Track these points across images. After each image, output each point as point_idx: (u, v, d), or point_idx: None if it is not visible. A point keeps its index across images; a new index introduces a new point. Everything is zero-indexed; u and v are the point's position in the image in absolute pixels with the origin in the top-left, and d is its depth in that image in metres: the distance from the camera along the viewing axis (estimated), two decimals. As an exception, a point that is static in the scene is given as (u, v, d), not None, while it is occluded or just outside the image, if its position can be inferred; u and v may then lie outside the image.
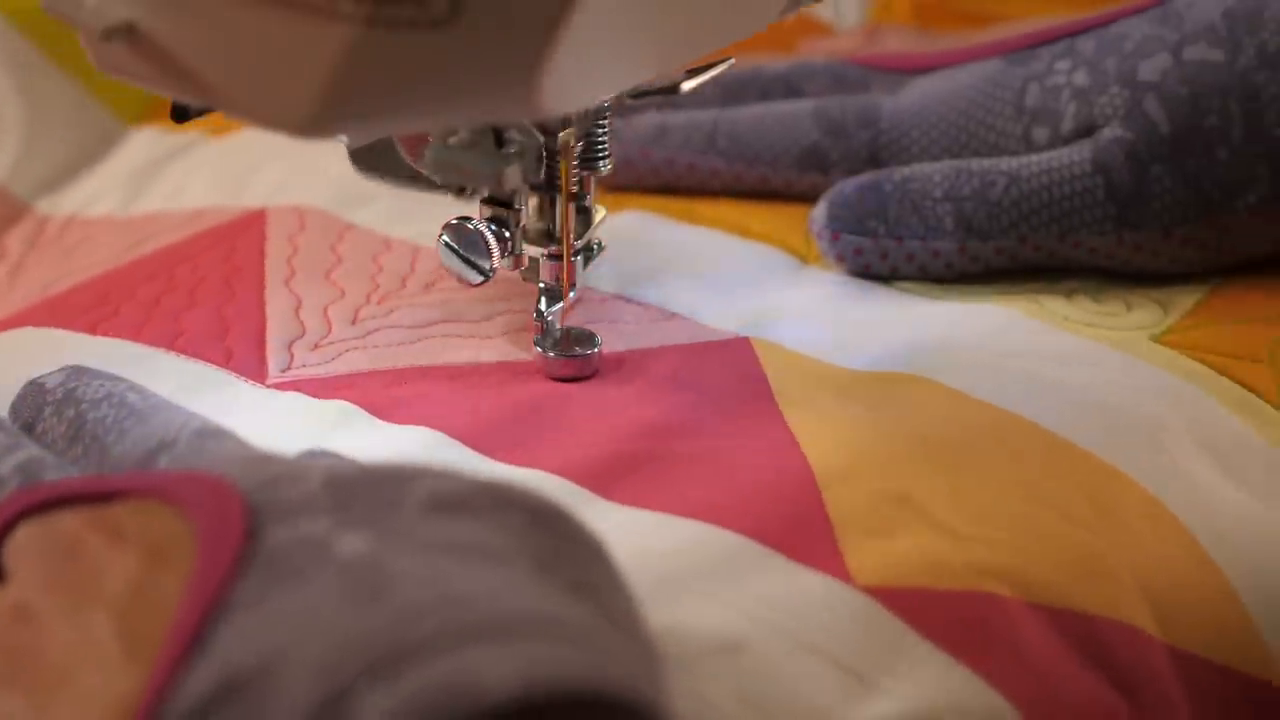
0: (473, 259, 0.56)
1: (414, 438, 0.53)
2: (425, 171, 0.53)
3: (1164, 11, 0.63)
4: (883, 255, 0.63)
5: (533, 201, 0.57)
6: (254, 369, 0.58)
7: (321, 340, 0.60)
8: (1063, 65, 0.64)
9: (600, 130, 0.57)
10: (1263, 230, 0.62)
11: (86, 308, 0.62)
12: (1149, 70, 0.62)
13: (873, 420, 0.54)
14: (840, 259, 0.63)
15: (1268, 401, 0.58)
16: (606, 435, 0.53)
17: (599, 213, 0.59)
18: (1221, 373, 0.58)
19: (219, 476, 0.39)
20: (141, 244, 0.67)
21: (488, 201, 0.57)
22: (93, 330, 0.60)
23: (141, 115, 0.78)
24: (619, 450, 0.52)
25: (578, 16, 0.40)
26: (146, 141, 0.77)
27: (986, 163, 0.63)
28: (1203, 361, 0.59)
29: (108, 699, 0.35)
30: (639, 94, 0.57)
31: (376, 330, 0.60)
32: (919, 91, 0.67)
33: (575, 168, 0.56)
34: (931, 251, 0.63)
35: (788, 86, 0.71)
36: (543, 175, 0.56)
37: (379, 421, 0.54)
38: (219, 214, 0.69)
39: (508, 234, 0.57)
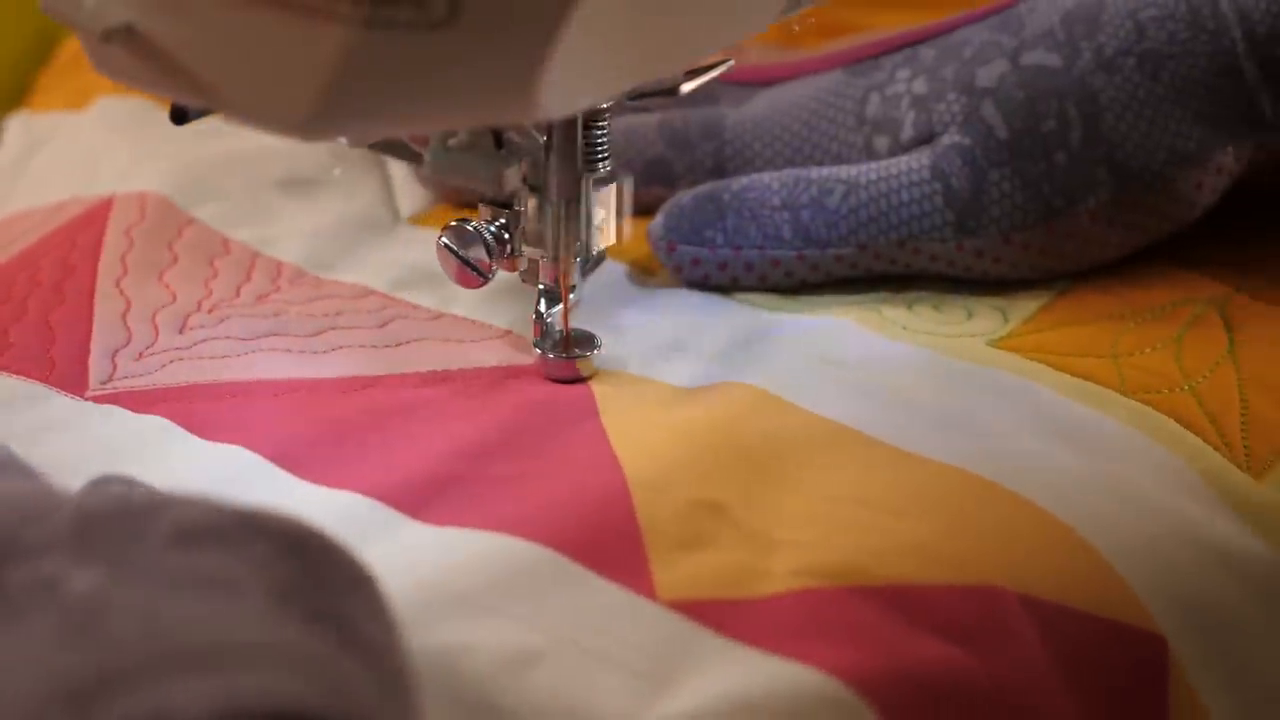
0: (472, 260, 0.56)
1: (226, 456, 0.53)
2: (425, 172, 0.53)
3: (1004, 18, 0.63)
4: (721, 265, 0.62)
5: (532, 203, 0.57)
6: (75, 381, 0.57)
7: (146, 350, 0.58)
8: (903, 74, 0.64)
9: (599, 132, 0.57)
10: (1104, 235, 0.62)
11: None
12: (986, 77, 0.62)
13: (694, 432, 0.54)
14: (678, 270, 0.62)
15: (1110, 387, 0.57)
16: (423, 454, 0.52)
17: (599, 213, 0.59)
18: (1060, 369, 0.58)
19: None
20: (8, 248, 0.66)
21: (487, 203, 0.57)
22: None
23: (10, 101, 0.78)
24: (434, 470, 0.51)
25: (576, 18, 0.40)
26: (16, 130, 0.76)
27: (825, 171, 0.62)
28: (1042, 361, 0.58)
29: None
30: (638, 95, 0.57)
31: (204, 341, 0.59)
32: (763, 103, 0.67)
33: (574, 169, 0.56)
34: (770, 261, 0.62)
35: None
36: (542, 176, 0.56)
37: (194, 439, 0.54)
38: (76, 206, 0.67)
39: (507, 235, 0.57)
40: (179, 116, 0.52)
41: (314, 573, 0.38)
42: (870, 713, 0.45)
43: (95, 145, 0.72)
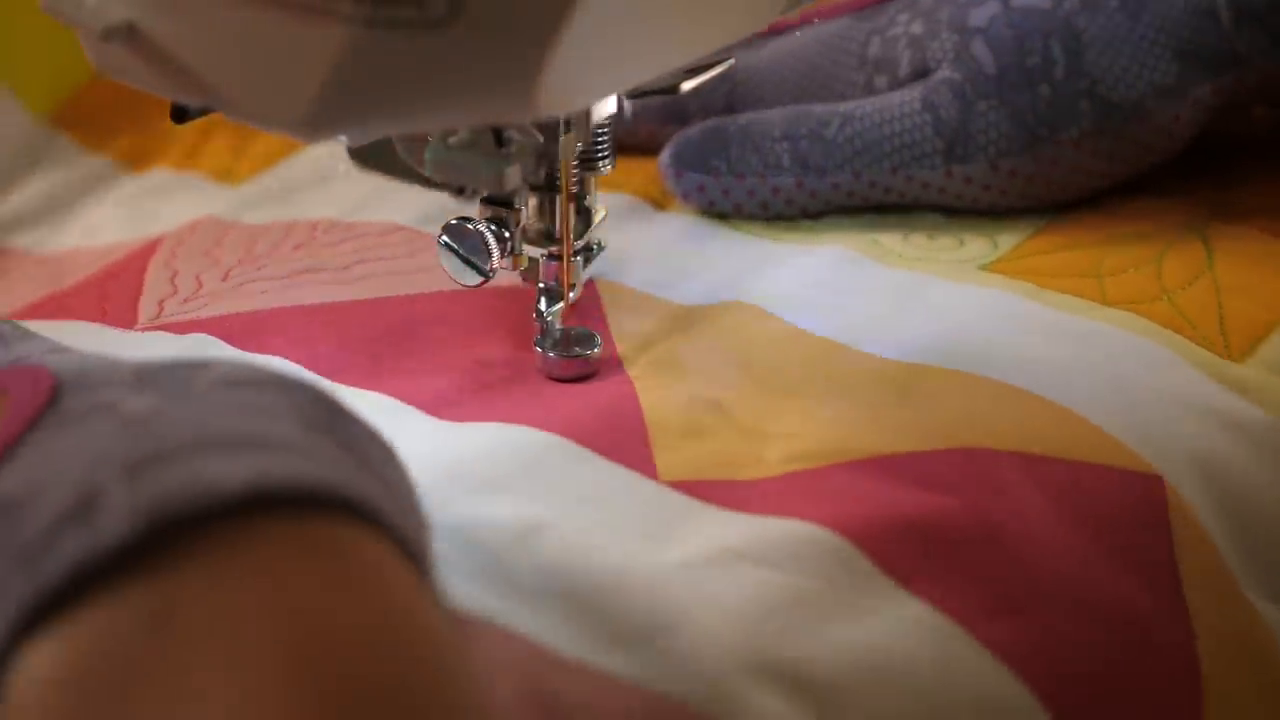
0: (472, 259, 0.56)
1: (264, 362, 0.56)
2: (425, 171, 0.53)
3: None
4: (725, 191, 0.67)
5: (533, 201, 0.57)
6: (125, 321, 0.61)
7: (191, 296, 0.63)
8: (903, 18, 0.68)
9: (601, 130, 0.57)
10: (1087, 164, 0.65)
11: None
12: (979, 17, 0.66)
13: (696, 343, 0.58)
14: (685, 195, 0.67)
15: (1094, 301, 0.61)
16: (447, 363, 0.57)
17: (599, 213, 0.59)
18: (1047, 288, 0.62)
19: (39, 365, 0.42)
20: (62, 279, 0.69)
21: (488, 201, 0.57)
22: None
23: (53, 109, 0.78)
24: (458, 380, 0.56)
25: (577, 17, 0.40)
26: (61, 159, 0.77)
27: (825, 106, 0.67)
28: (1031, 281, 0.62)
29: None
30: (639, 94, 0.57)
31: (244, 284, 0.63)
32: (773, 48, 0.71)
33: (575, 168, 0.56)
34: (771, 188, 0.66)
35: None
36: (543, 175, 0.56)
37: (232, 349, 0.58)
38: (131, 243, 0.71)
39: (508, 234, 0.57)
40: (179, 115, 0.52)
41: (342, 419, 0.40)
42: (859, 554, 0.48)
43: (152, 201, 0.75)
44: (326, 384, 0.53)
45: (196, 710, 0.34)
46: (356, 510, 0.37)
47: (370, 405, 0.53)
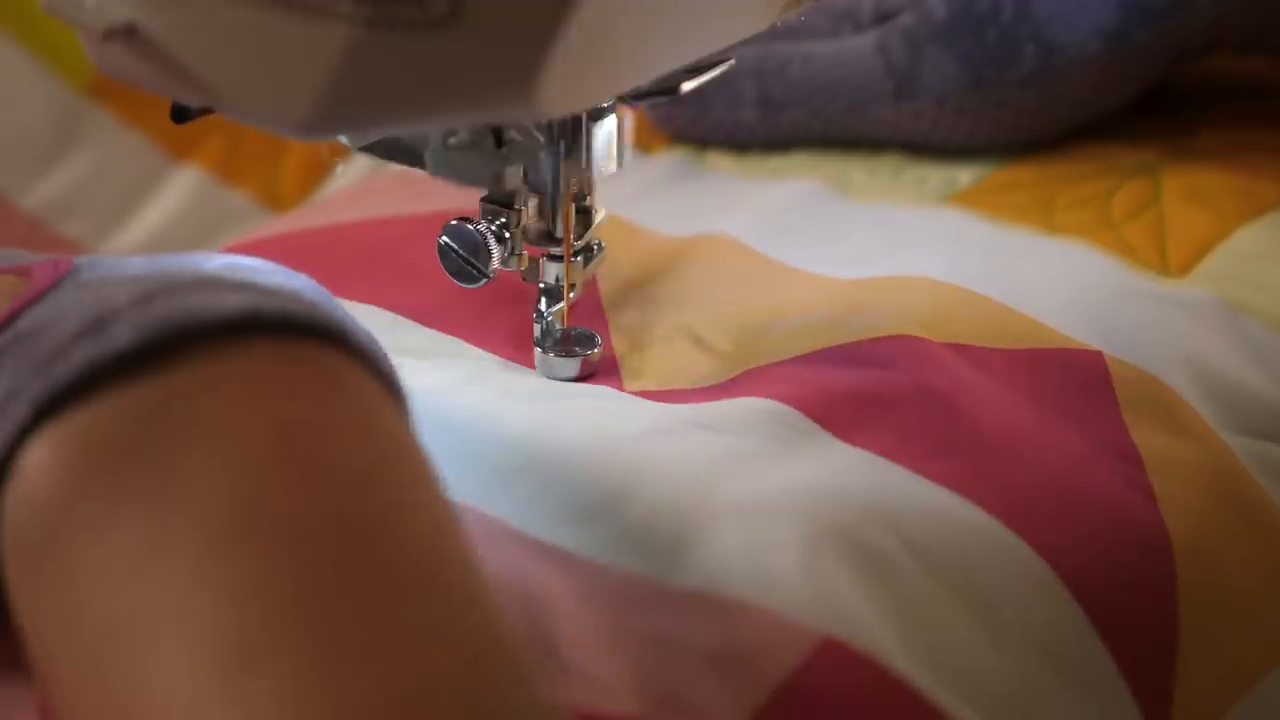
0: (473, 260, 0.56)
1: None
2: (426, 171, 0.53)
3: None
4: (694, 120, 0.72)
5: (533, 202, 0.57)
6: None
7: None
8: None
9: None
10: (1033, 104, 0.69)
11: None
12: None
13: (668, 270, 0.63)
14: (657, 124, 0.73)
15: (1040, 229, 0.65)
16: (434, 286, 0.60)
17: (599, 213, 0.59)
18: (1003, 219, 0.66)
19: (67, 257, 0.46)
20: None
21: (488, 201, 0.57)
22: None
23: (93, 86, 0.79)
24: (438, 293, 0.60)
25: (577, 18, 0.40)
26: (99, 134, 0.79)
27: (790, 45, 0.72)
28: (987, 211, 0.66)
29: None
30: (639, 94, 0.57)
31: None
32: None
33: (574, 184, 0.57)
34: (735, 120, 0.72)
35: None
36: (543, 176, 0.56)
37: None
38: None
39: (508, 234, 0.57)
40: (180, 115, 0.52)
41: (333, 303, 0.43)
42: (798, 413, 0.53)
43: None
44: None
45: (184, 488, 0.38)
46: (341, 342, 0.41)
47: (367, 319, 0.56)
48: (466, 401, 0.53)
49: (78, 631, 0.38)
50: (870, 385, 0.54)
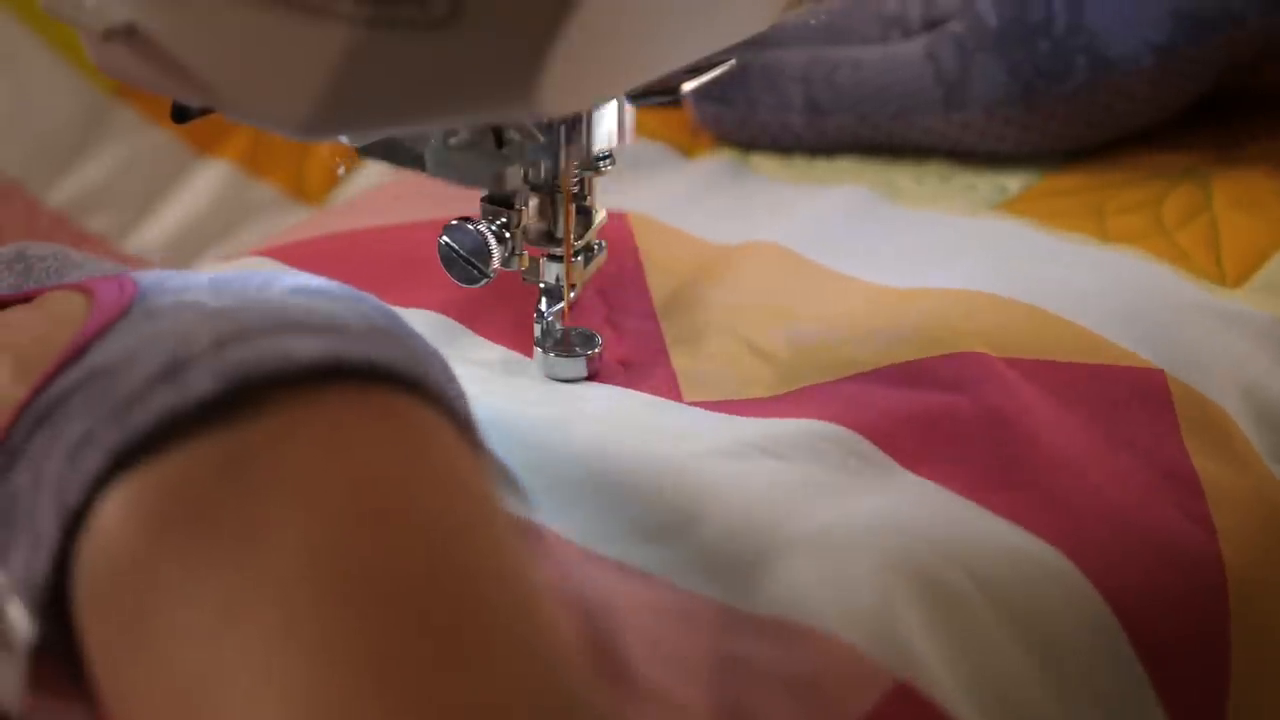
0: (473, 260, 0.56)
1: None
2: (426, 171, 0.53)
3: None
4: (740, 123, 0.72)
5: (533, 202, 0.57)
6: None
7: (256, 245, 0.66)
8: None
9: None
10: (1082, 115, 0.69)
11: None
12: None
13: (719, 277, 0.62)
14: (704, 124, 0.73)
15: (1095, 238, 0.64)
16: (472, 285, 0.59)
17: (599, 213, 0.59)
18: (1053, 226, 0.65)
19: (123, 274, 0.46)
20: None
21: (488, 201, 0.57)
22: None
23: (120, 84, 0.79)
24: (484, 295, 0.59)
25: (577, 18, 0.40)
26: (125, 130, 0.78)
27: (839, 50, 0.71)
28: (1037, 219, 0.66)
29: None
30: (639, 94, 0.57)
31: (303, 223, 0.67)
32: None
33: (576, 168, 0.56)
34: (781, 124, 0.71)
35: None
36: (543, 177, 0.56)
37: (292, 269, 0.60)
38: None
39: (508, 234, 0.57)
40: (180, 115, 0.52)
41: (402, 329, 0.44)
42: (863, 439, 0.52)
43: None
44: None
45: (264, 542, 0.37)
46: (418, 388, 0.40)
47: (415, 322, 0.56)
48: (531, 413, 0.53)
49: (158, 691, 0.37)
50: (934, 409, 0.53)
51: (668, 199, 0.68)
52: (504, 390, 0.55)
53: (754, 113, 0.71)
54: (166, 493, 0.38)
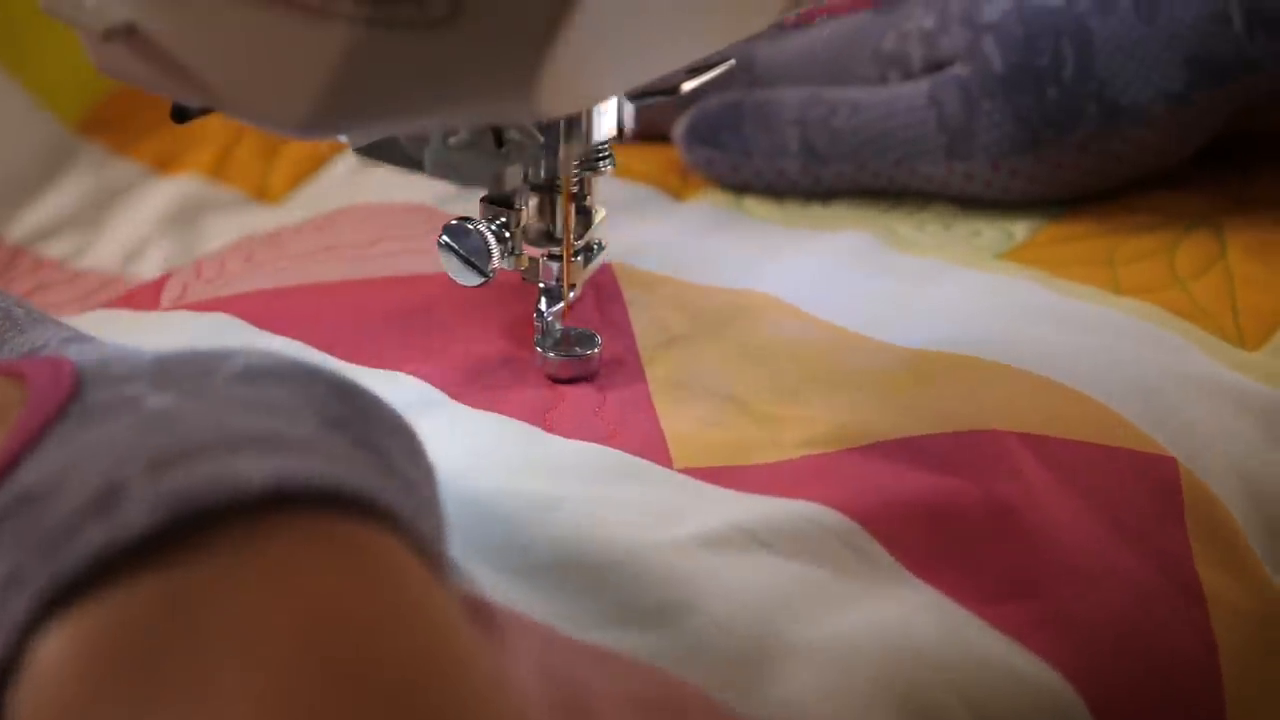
0: (472, 259, 0.56)
1: (284, 347, 0.56)
2: (425, 171, 0.53)
3: None
4: (733, 168, 0.68)
5: (533, 201, 0.57)
6: (148, 303, 0.62)
7: (215, 276, 0.63)
8: (918, 11, 0.68)
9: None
10: (1091, 165, 0.65)
11: None
12: (991, 12, 0.66)
13: (712, 332, 0.59)
14: (695, 167, 0.69)
15: (1107, 290, 0.61)
16: (465, 348, 0.57)
17: (599, 213, 0.59)
18: (1061, 276, 0.62)
19: (58, 356, 0.42)
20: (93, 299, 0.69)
21: (488, 201, 0.57)
22: None
23: (81, 117, 0.79)
24: (474, 362, 0.56)
25: (577, 17, 0.40)
26: (91, 165, 0.78)
27: (837, 92, 0.68)
28: (1045, 269, 0.63)
29: None
30: (638, 94, 0.57)
31: (266, 262, 0.64)
32: (795, 42, 0.71)
33: (576, 168, 0.56)
34: (777, 170, 0.68)
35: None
36: (543, 175, 0.56)
37: (255, 330, 0.58)
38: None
39: (508, 234, 0.57)
40: (180, 116, 0.52)
41: (360, 412, 0.40)
42: (865, 533, 0.49)
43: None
44: (345, 366, 0.55)
45: (212, 694, 0.34)
46: (373, 510, 0.38)
47: (389, 387, 0.54)
48: (513, 487, 0.50)
49: None
50: (941, 501, 0.50)
51: (657, 244, 0.65)
52: (486, 462, 0.52)
53: (748, 158, 0.68)
54: (104, 639, 0.35)
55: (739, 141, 0.67)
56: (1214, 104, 0.65)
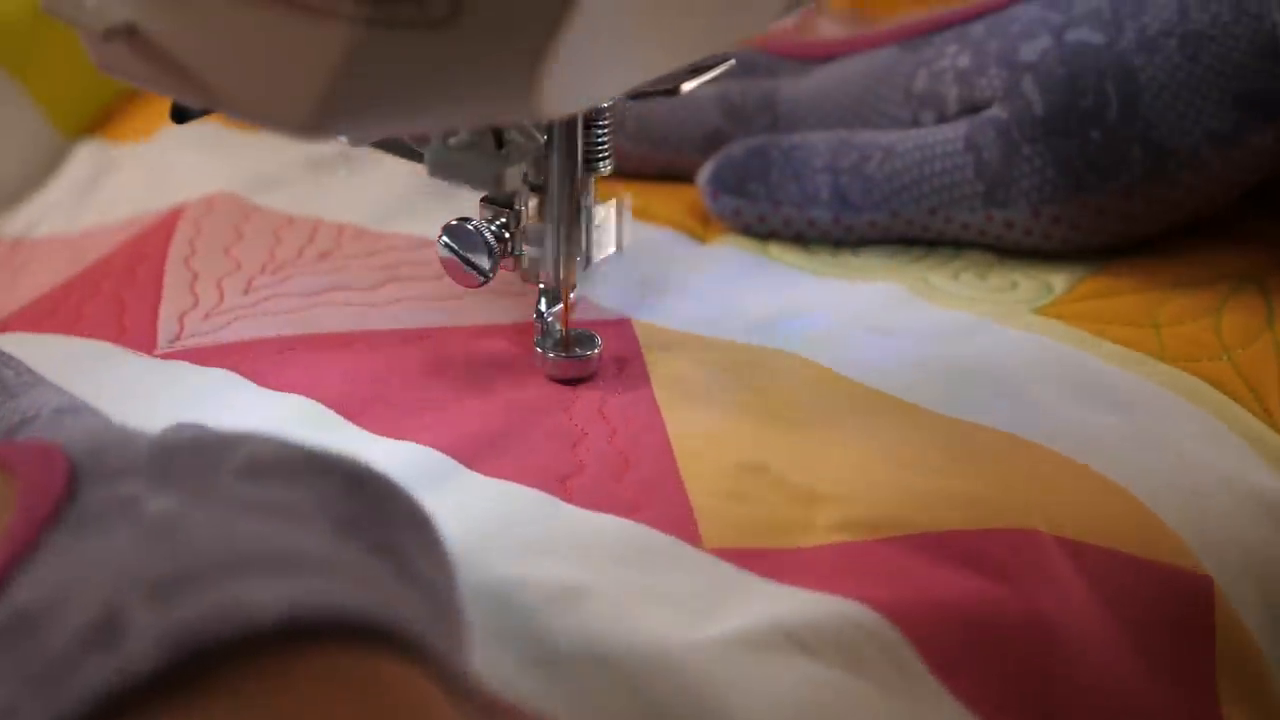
0: (472, 260, 0.56)
1: (288, 405, 0.54)
2: (426, 172, 0.53)
3: None
4: (760, 218, 0.65)
5: (533, 202, 0.57)
6: (143, 342, 0.59)
7: (213, 310, 0.61)
8: (951, 49, 0.65)
9: (601, 131, 0.57)
10: (1137, 211, 0.62)
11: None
12: (1029, 51, 0.62)
13: (738, 395, 0.56)
14: (720, 217, 0.66)
15: (1150, 355, 0.59)
16: (481, 407, 0.54)
17: (600, 213, 0.59)
18: (1103, 337, 0.59)
19: (51, 443, 0.40)
20: (80, 260, 0.67)
21: (488, 202, 0.57)
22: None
23: (82, 128, 0.79)
24: (488, 426, 0.53)
25: (578, 18, 0.40)
26: (85, 156, 0.77)
27: (868, 136, 0.65)
28: (1085, 329, 0.60)
29: None
30: (638, 94, 0.57)
31: (268, 299, 0.61)
32: (818, 78, 0.68)
33: (575, 169, 0.56)
34: (807, 220, 0.64)
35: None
36: (543, 176, 0.56)
37: (257, 388, 0.55)
38: (147, 218, 0.69)
39: (508, 235, 0.57)
40: (179, 116, 0.53)
41: (374, 509, 0.39)
42: (903, 640, 0.47)
43: (162, 166, 0.73)
44: (352, 431, 0.53)
45: None
46: (390, 637, 0.36)
47: (401, 458, 0.51)
48: (523, 568, 0.47)
49: None
50: (978, 606, 0.48)
51: (678, 295, 0.62)
52: (503, 541, 0.49)
53: (776, 208, 0.64)
54: None
55: (767, 190, 0.64)
56: (1264, 146, 0.61)
